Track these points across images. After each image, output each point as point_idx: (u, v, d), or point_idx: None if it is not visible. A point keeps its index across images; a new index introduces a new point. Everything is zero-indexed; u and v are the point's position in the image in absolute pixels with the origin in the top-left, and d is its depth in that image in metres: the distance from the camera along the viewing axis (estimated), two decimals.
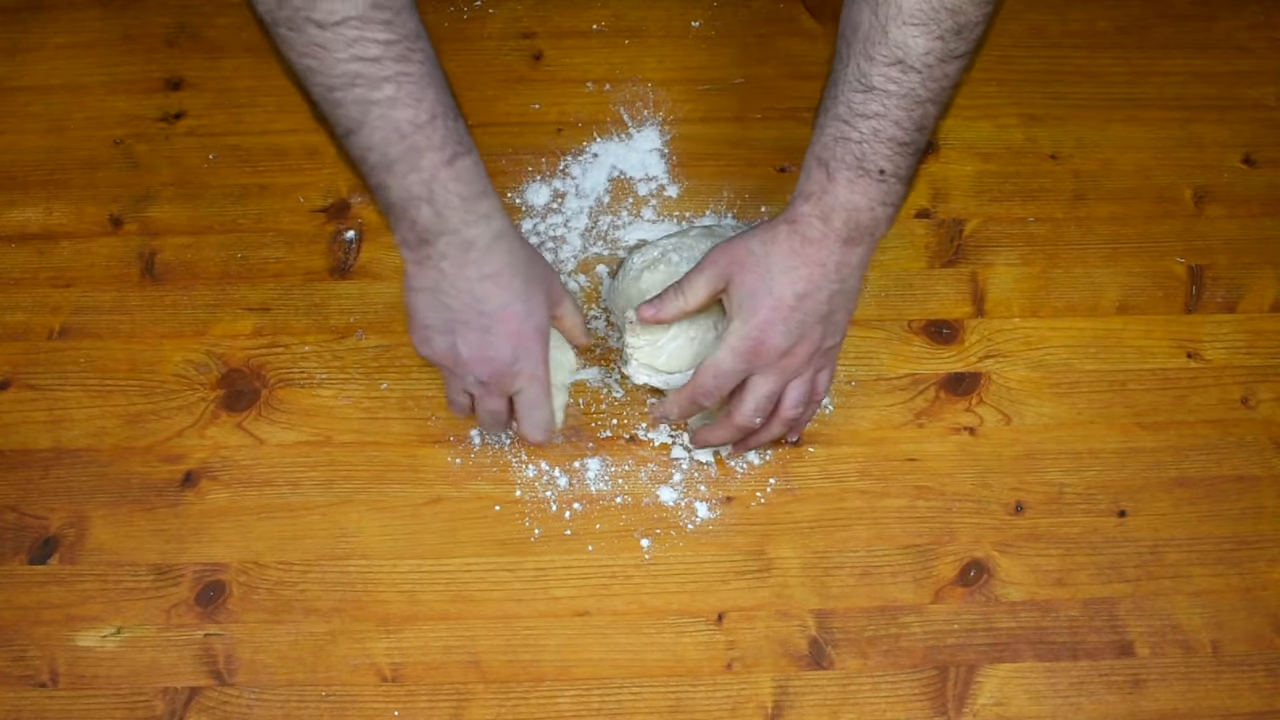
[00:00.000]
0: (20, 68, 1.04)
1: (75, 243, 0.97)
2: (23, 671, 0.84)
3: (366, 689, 0.83)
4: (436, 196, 0.73)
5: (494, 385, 0.80)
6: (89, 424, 0.91)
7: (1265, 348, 0.95)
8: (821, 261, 0.78)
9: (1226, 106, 1.04)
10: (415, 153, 0.72)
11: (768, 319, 0.79)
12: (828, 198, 0.77)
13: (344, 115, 0.71)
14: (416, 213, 0.73)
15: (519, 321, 0.78)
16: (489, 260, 0.76)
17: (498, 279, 0.76)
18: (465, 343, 0.78)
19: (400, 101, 0.70)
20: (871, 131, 0.75)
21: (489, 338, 0.78)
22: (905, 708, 0.83)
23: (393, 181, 0.73)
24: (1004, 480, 0.90)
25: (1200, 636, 0.86)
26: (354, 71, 0.69)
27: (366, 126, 0.71)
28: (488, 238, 0.75)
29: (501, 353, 0.78)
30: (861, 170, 0.76)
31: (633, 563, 0.87)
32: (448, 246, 0.75)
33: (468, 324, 0.78)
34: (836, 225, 0.77)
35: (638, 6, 1.07)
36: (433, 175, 0.72)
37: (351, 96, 0.70)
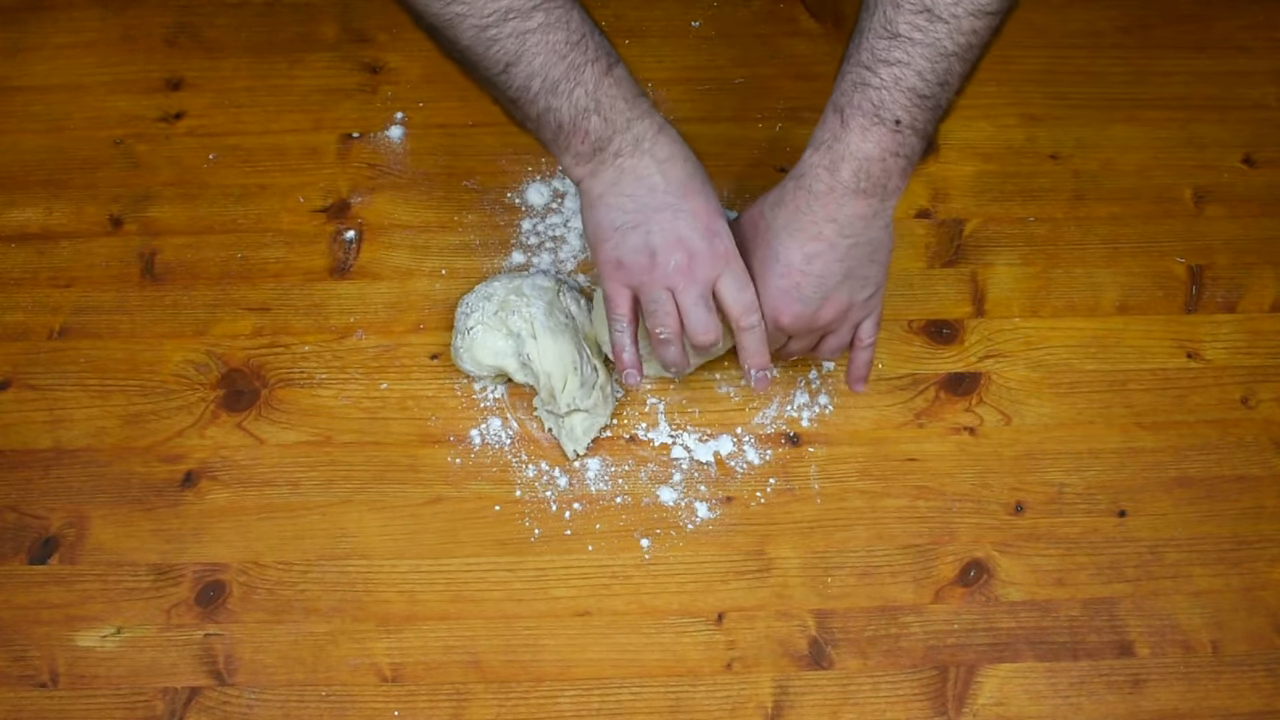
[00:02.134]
0: (20, 68, 1.04)
1: (75, 243, 0.98)
2: (23, 671, 0.84)
3: (366, 689, 0.83)
4: (603, 105, 0.76)
5: (694, 267, 0.79)
6: (89, 424, 0.91)
7: (1265, 348, 0.95)
8: (830, 217, 0.77)
9: (1226, 106, 1.04)
10: (576, 69, 0.75)
11: (779, 288, 0.80)
12: (839, 145, 0.76)
13: (499, 51, 0.74)
14: (587, 123, 0.76)
15: (703, 200, 0.80)
16: (659, 148, 0.79)
17: (673, 161, 0.79)
18: (658, 227, 0.79)
19: (552, 25, 0.74)
20: (892, 79, 0.74)
21: (680, 217, 0.79)
22: (905, 708, 0.83)
23: (558, 102, 0.76)
24: (1004, 480, 0.90)
25: (1200, 636, 0.86)
26: (505, 6, 0.72)
27: (525, 55, 0.74)
28: (654, 130, 0.78)
29: (696, 230, 0.79)
30: (877, 118, 0.75)
31: (633, 563, 0.87)
32: (621, 144, 0.78)
33: (657, 209, 0.79)
34: (845, 176, 0.76)
35: (638, 6, 1.07)
36: (596, 85, 0.76)
37: (506, 30, 0.73)
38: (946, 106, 0.76)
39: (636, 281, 0.80)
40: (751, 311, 0.80)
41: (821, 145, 0.77)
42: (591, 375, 0.88)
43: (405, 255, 0.97)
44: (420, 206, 0.99)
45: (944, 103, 0.76)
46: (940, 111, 0.76)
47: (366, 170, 1.00)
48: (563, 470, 0.89)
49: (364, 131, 1.02)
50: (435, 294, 0.95)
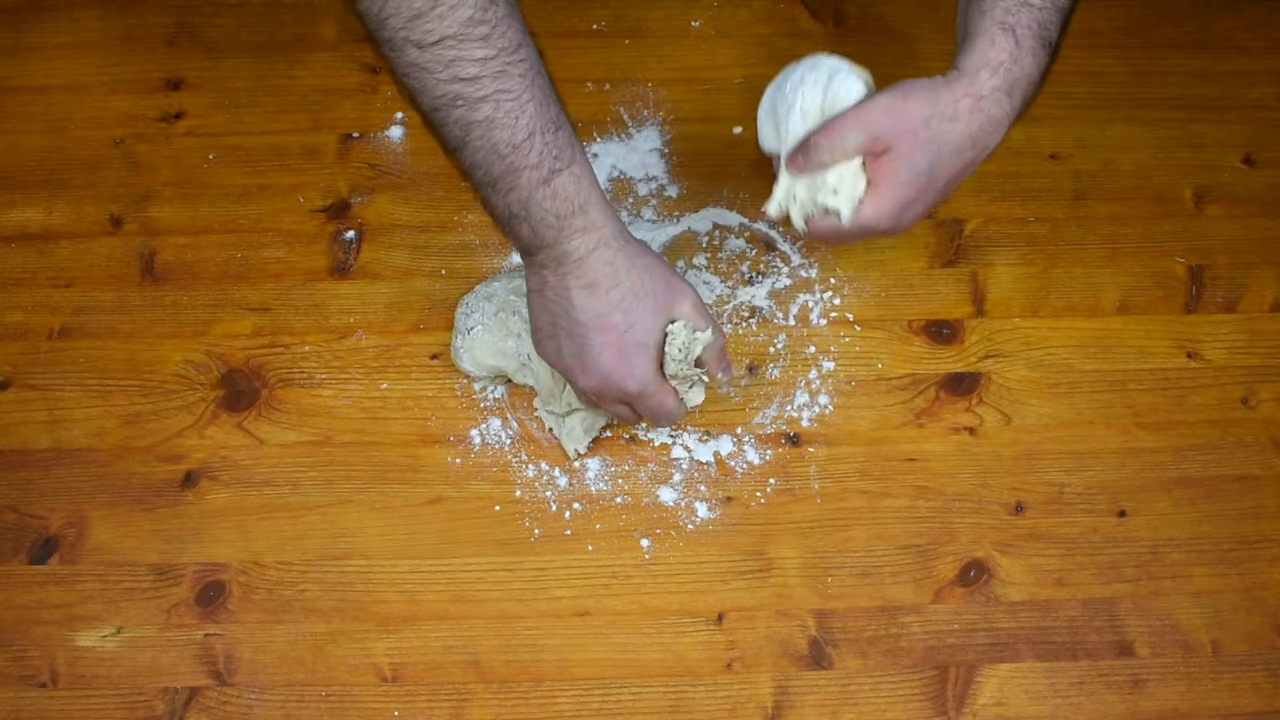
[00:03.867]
0: (20, 68, 1.04)
1: (75, 243, 0.98)
2: (23, 671, 0.84)
3: (366, 689, 0.83)
4: (533, 214, 0.74)
5: (602, 395, 0.80)
6: (89, 424, 0.91)
7: (1265, 348, 0.95)
8: (991, 144, 0.76)
9: (1226, 106, 1.04)
10: (513, 173, 0.73)
11: (917, 198, 0.77)
12: (1016, 69, 0.74)
13: (448, 134, 0.73)
14: (518, 228, 0.75)
15: (617, 334, 0.77)
16: (584, 271, 0.75)
17: (594, 290, 0.76)
18: (568, 351, 0.79)
19: (497, 122, 0.71)
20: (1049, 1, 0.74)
21: (588, 348, 0.77)
22: (905, 708, 0.83)
23: (495, 199, 0.74)
24: (1004, 480, 0.90)
25: (1200, 636, 0.86)
26: (454, 93, 0.70)
27: (469, 146, 0.72)
28: (583, 250, 0.75)
29: (601, 364, 0.77)
30: (1042, 41, 0.74)
31: (633, 563, 0.87)
32: (546, 258, 0.76)
33: (569, 333, 0.78)
34: (1018, 102, 0.74)
35: (638, 6, 1.07)
36: (529, 195, 0.73)
37: (452, 117, 0.71)
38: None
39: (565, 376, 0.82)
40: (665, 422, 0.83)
41: (1000, 67, 0.74)
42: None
43: (405, 255, 0.97)
44: (420, 206, 0.99)
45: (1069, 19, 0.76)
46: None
47: (366, 170, 1.00)
48: (563, 470, 0.89)
49: (364, 131, 1.02)
50: (435, 294, 0.95)
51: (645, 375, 0.79)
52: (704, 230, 0.98)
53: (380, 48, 0.71)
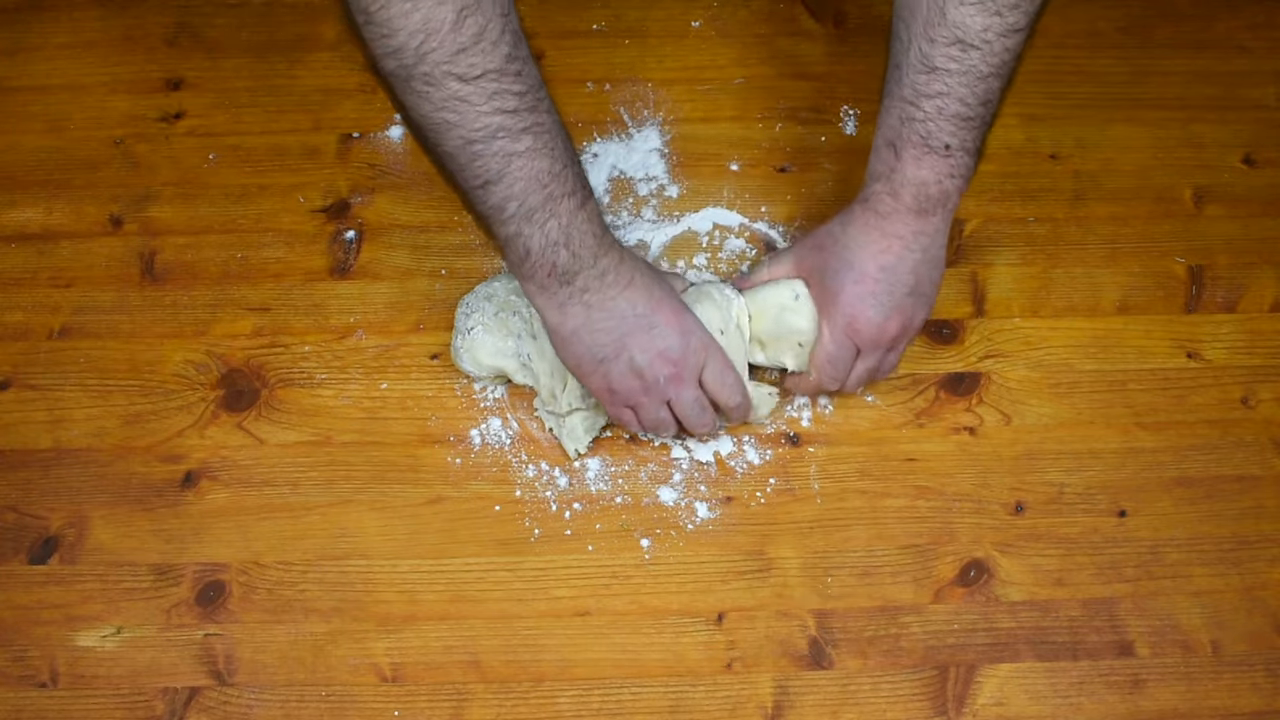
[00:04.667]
0: (20, 68, 1.04)
1: (75, 243, 0.98)
2: (23, 671, 0.84)
3: (366, 689, 0.83)
4: (573, 240, 0.76)
5: (682, 372, 0.82)
6: (89, 424, 0.91)
7: (1265, 348, 0.95)
8: (898, 234, 0.81)
9: (1226, 106, 1.04)
10: (553, 200, 0.74)
11: (855, 294, 0.82)
12: (896, 176, 0.80)
13: (483, 167, 0.73)
14: (556, 256, 0.76)
15: (669, 305, 0.81)
16: (622, 276, 0.79)
17: (634, 285, 0.80)
18: (638, 350, 0.80)
19: (539, 152, 0.73)
20: (935, 110, 0.77)
21: (654, 332, 0.80)
22: (905, 708, 0.83)
23: (531, 230, 0.75)
24: (1004, 480, 0.90)
25: (1200, 636, 0.86)
26: (496, 124, 0.71)
27: (508, 177, 0.73)
28: (616, 261, 0.79)
29: (673, 339, 0.81)
30: (927, 148, 0.78)
31: (633, 563, 0.87)
32: (587, 280, 0.78)
33: (630, 333, 0.80)
34: (906, 199, 0.80)
35: (638, 6, 1.07)
36: (570, 220, 0.75)
37: (493, 149, 0.72)
38: (991, 119, 0.79)
39: (634, 403, 0.83)
40: (735, 393, 0.85)
41: (880, 176, 0.81)
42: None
43: (405, 255, 0.97)
44: (420, 206, 0.99)
45: (989, 118, 0.79)
46: (986, 126, 0.79)
47: (366, 170, 1.00)
48: (563, 470, 0.89)
49: (364, 131, 1.02)
50: (435, 294, 0.95)
51: (709, 335, 0.83)
52: (704, 230, 0.98)
53: (408, 84, 0.70)
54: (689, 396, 0.83)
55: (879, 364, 0.87)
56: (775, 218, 0.98)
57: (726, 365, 0.84)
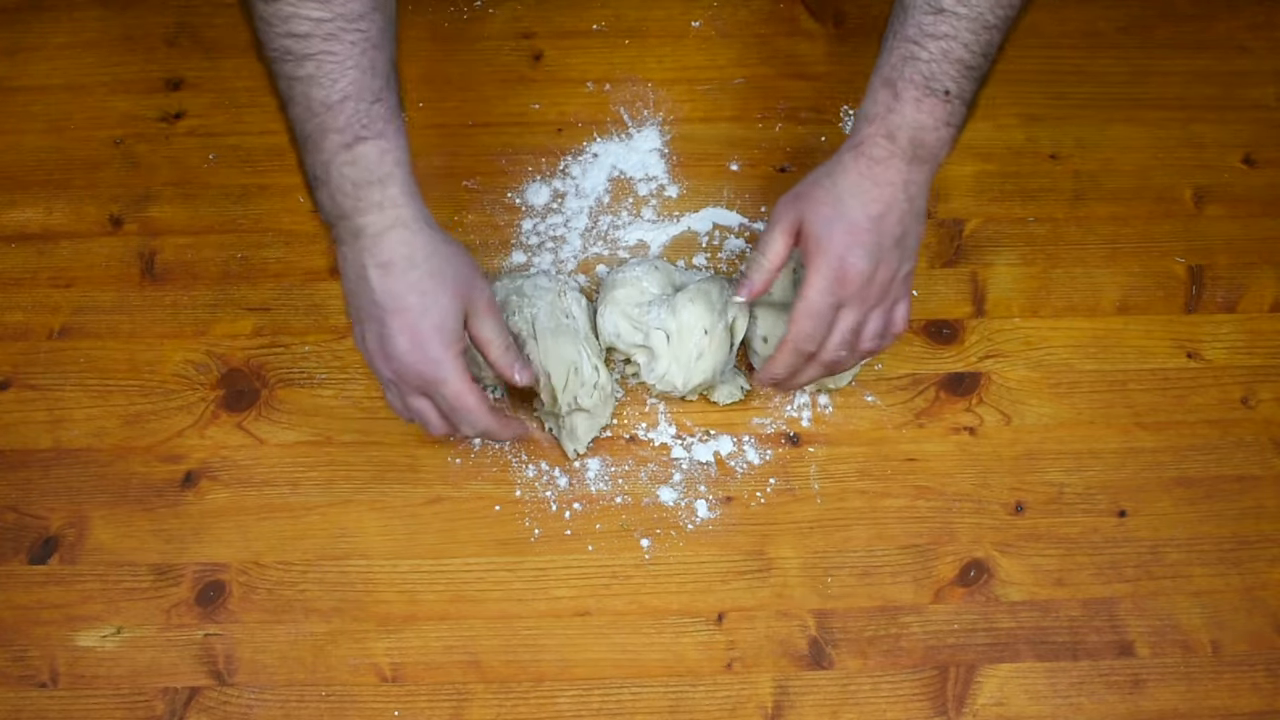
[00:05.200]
0: (20, 68, 1.04)
1: (75, 243, 0.97)
2: (23, 671, 0.84)
3: (366, 689, 0.83)
4: (333, 179, 0.73)
5: (402, 382, 0.78)
6: (89, 424, 0.91)
7: (1265, 348, 0.95)
8: (890, 180, 0.79)
9: (1226, 106, 1.04)
10: (320, 133, 0.72)
11: (846, 244, 0.79)
12: (894, 117, 0.78)
13: (277, 88, 0.74)
14: (320, 194, 0.74)
15: (414, 316, 0.75)
16: (379, 249, 0.74)
17: (389, 269, 0.74)
18: (369, 335, 0.77)
19: (316, 80, 0.72)
20: (940, 52, 0.77)
21: (386, 331, 0.75)
22: (905, 708, 0.83)
23: (306, 159, 0.74)
24: (1004, 480, 0.90)
25: (1200, 636, 0.86)
26: (285, 47, 0.71)
27: (291, 102, 0.73)
28: (379, 226, 0.74)
29: (399, 349, 0.75)
30: (928, 90, 0.77)
31: (633, 563, 0.87)
32: (343, 231, 0.75)
33: (369, 315, 0.76)
34: (902, 143, 0.78)
35: (638, 6, 1.07)
36: (330, 158, 0.73)
37: (281, 71, 0.72)
38: (987, 75, 0.79)
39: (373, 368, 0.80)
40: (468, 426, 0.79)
41: (875, 118, 0.79)
42: (592, 375, 0.88)
43: None
44: None
45: (986, 72, 0.78)
46: (982, 81, 0.79)
47: None
48: (563, 470, 0.89)
49: None
50: None
51: (442, 362, 0.76)
52: (704, 230, 0.98)
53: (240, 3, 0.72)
54: (414, 404, 0.79)
55: (859, 323, 0.81)
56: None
57: (459, 403, 0.77)
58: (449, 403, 0.77)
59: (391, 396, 0.80)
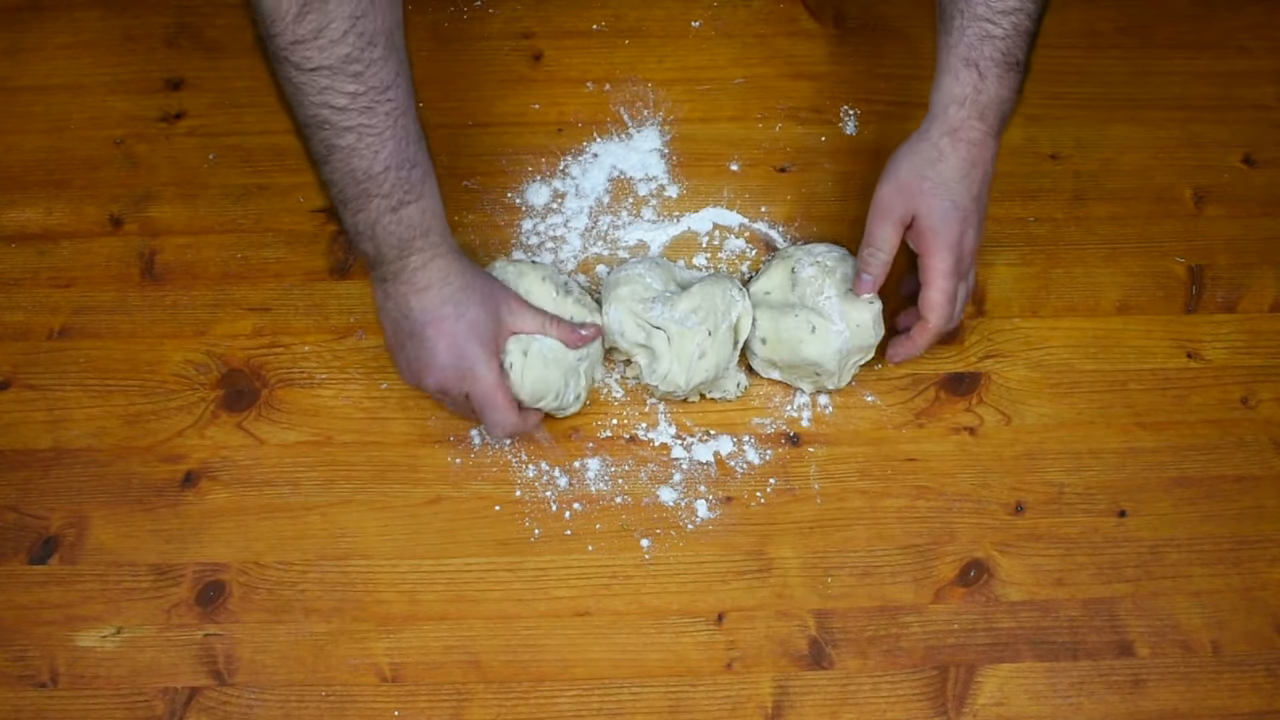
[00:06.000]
0: (20, 68, 1.04)
1: (75, 243, 0.97)
2: (23, 671, 0.84)
3: (366, 689, 0.83)
4: (378, 236, 0.79)
5: (445, 391, 0.83)
6: (89, 424, 0.91)
7: (1265, 348, 0.95)
8: (983, 159, 0.84)
9: (1226, 106, 1.04)
10: (365, 197, 0.78)
11: (961, 229, 0.83)
12: (982, 97, 0.81)
13: (312, 148, 0.78)
14: (364, 245, 0.80)
15: (449, 323, 0.81)
16: (419, 278, 0.81)
17: (426, 292, 0.81)
18: (411, 355, 0.83)
19: (359, 152, 0.76)
20: (1012, 27, 0.80)
21: (425, 345, 0.82)
22: (905, 708, 0.83)
23: (346, 215, 0.80)
24: (1004, 480, 0.90)
25: (1200, 636, 0.86)
26: (323, 117, 0.75)
27: (329, 165, 0.77)
28: (419, 263, 0.81)
29: (438, 358, 0.81)
30: (1008, 65, 0.81)
31: (633, 563, 0.87)
32: (385, 272, 0.81)
33: (410, 334, 0.82)
34: (991, 121, 0.82)
35: (638, 6, 1.07)
36: (376, 219, 0.79)
37: (319, 136, 0.76)
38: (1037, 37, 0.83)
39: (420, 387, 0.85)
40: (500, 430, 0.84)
41: (966, 100, 0.82)
42: (572, 403, 0.88)
43: None
44: None
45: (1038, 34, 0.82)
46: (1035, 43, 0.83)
47: None
48: (563, 470, 0.89)
49: None
50: None
51: (479, 366, 0.82)
52: (704, 230, 0.98)
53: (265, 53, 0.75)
54: (462, 408, 0.86)
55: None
56: (775, 218, 0.98)
57: (490, 404, 0.83)
58: (479, 403, 0.83)
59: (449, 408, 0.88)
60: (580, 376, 0.88)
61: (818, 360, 0.88)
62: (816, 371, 0.89)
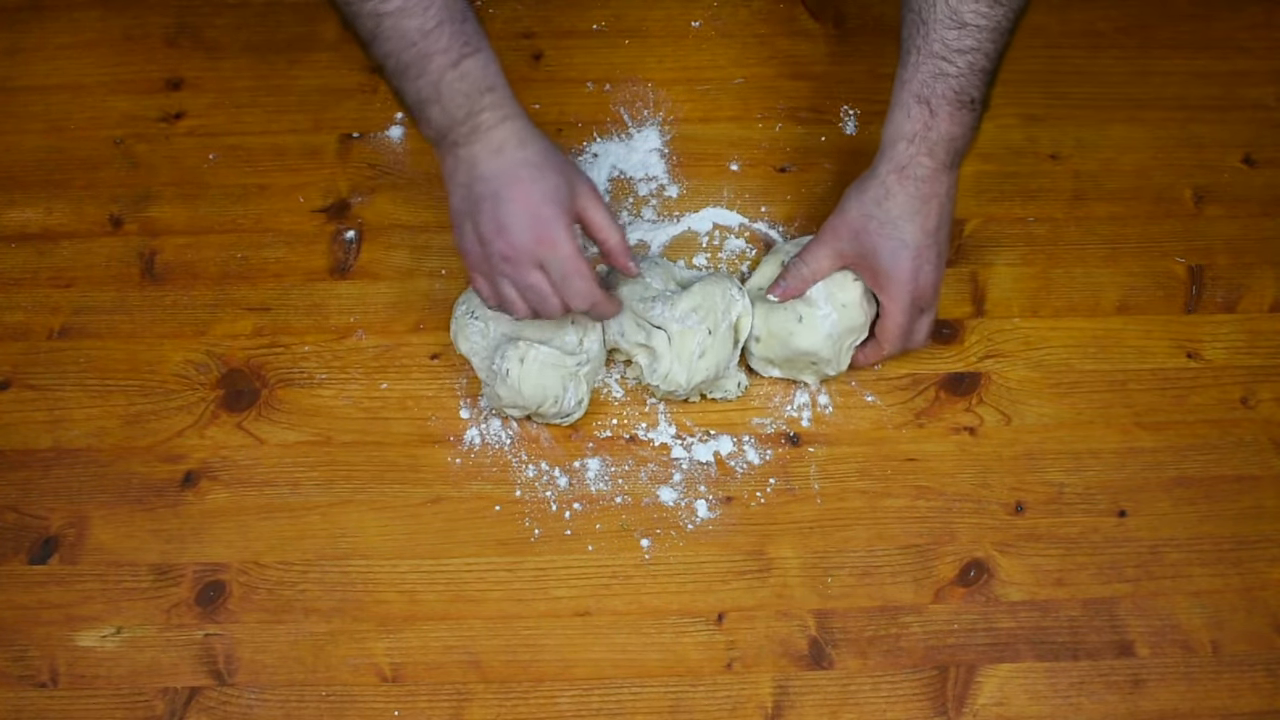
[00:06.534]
0: (20, 68, 1.04)
1: (75, 243, 0.97)
2: (23, 671, 0.84)
3: (366, 689, 0.83)
4: (444, 95, 0.77)
5: (518, 256, 0.80)
6: (89, 424, 0.91)
7: (1265, 348, 0.95)
8: (936, 193, 0.83)
9: (1226, 106, 1.04)
10: (424, 58, 0.77)
11: (914, 267, 0.84)
12: (932, 134, 0.82)
13: (361, 27, 0.77)
14: (429, 112, 0.78)
15: (528, 185, 0.79)
16: (493, 137, 0.79)
17: (501, 153, 0.79)
18: (483, 218, 0.80)
19: (408, 11, 0.76)
20: (967, 66, 0.80)
21: (501, 206, 0.80)
22: (905, 708, 0.83)
23: (407, 85, 0.78)
24: (1004, 480, 0.90)
25: (1200, 636, 0.86)
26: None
27: (380, 36, 0.77)
28: (493, 121, 0.79)
29: (514, 218, 0.79)
30: (959, 103, 0.81)
31: (633, 563, 0.87)
32: (458, 134, 0.79)
33: (482, 197, 0.80)
34: (941, 157, 0.82)
35: (638, 6, 1.07)
36: (440, 77, 0.77)
37: (365, 9, 0.75)
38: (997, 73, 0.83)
39: (479, 270, 0.83)
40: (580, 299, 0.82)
41: (915, 136, 0.82)
42: (572, 407, 0.88)
43: (405, 255, 0.97)
44: (420, 206, 0.99)
45: (997, 71, 0.83)
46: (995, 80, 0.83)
47: (366, 170, 1.00)
48: (563, 470, 0.89)
49: (364, 131, 1.02)
50: (435, 294, 0.95)
51: (558, 227, 0.80)
52: (704, 230, 0.98)
53: None
54: (526, 280, 0.81)
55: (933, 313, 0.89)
56: (775, 218, 0.98)
57: (573, 268, 0.81)
58: (562, 270, 0.81)
59: (484, 283, 0.83)
60: (580, 382, 0.88)
61: (811, 349, 0.88)
62: (813, 361, 0.89)
